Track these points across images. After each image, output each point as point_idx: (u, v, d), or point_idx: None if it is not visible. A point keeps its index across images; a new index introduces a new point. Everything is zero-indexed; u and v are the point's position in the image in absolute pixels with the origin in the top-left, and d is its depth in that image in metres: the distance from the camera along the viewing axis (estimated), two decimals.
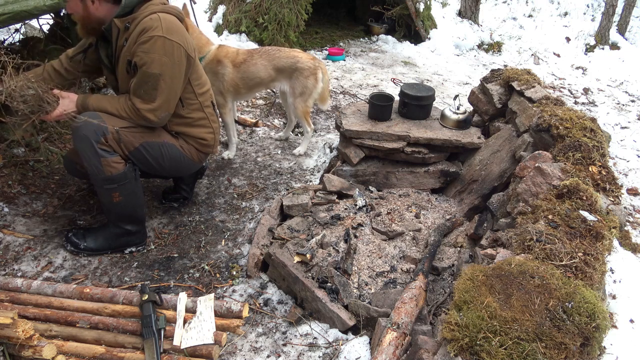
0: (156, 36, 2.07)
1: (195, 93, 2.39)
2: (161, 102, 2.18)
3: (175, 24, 2.16)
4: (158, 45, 2.08)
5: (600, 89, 6.34)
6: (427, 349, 1.62)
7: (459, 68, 6.64)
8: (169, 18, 2.15)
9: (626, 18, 8.24)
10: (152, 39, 2.07)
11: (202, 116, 2.47)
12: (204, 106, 2.46)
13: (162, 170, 2.47)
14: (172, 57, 2.13)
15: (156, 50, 2.08)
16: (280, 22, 5.84)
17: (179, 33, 2.16)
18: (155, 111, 2.19)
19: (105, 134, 2.14)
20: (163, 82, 2.14)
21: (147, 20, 2.10)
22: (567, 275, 1.64)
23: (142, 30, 2.09)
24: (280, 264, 2.31)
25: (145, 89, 2.14)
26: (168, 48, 2.11)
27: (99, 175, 2.21)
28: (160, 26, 2.09)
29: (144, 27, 2.08)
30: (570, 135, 2.39)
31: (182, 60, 2.18)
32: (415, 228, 2.67)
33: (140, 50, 2.09)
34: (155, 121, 2.24)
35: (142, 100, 2.16)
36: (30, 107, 2.05)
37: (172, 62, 2.14)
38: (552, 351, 1.36)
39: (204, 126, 2.49)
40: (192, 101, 2.40)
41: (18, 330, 1.66)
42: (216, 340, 1.92)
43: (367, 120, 3.09)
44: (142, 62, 2.10)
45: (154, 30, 2.07)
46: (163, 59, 2.11)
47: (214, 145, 2.61)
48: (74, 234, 2.49)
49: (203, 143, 2.52)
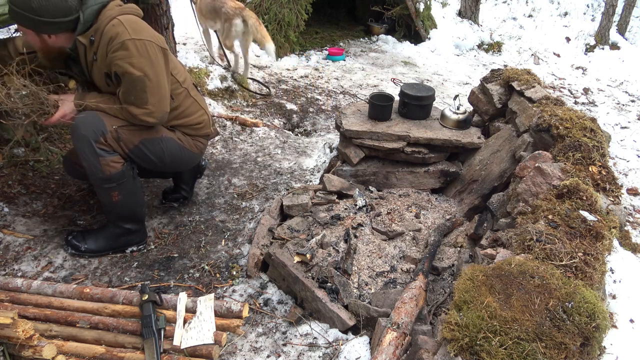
0: (125, 40, 2.04)
1: (179, 82, 2.37)
2: (154, 102, 2.17)
3: (138, 23, 2.13)
4: (131, 48, 2.05)
5: (600, 89, 6.34)
6: (427, 349, 1.62)
7: (459, 68, 6.64)
8: (130, 18, 2.11)
9: (626, 18, 8.24)
10: (122, 45, 2.04)
11: (191, 101, 2.46)
12: (189, 92, 2.44)
13: (163, 166, 2.46)
14: (148, 56, 2.10)
15: (131, 54, 2.06)
16: (280, 22, 5.84)
17: (144, 30, 2.13)
18: (152, 113, 2.18)
19: (104, 133, 2.14)
20: (150, 83, 2.12)
21: (109, 27, 2.05)
22: (567, 275, 1.64)
23: (109, 40, 2.05)
24: (280, 264, 2.31)
25: (135, 94, 2.12)
26: (141, 48, 2.08)
27: (98, 175, 2.21)
28: (125, 29, 2.05)
29: (110, 36, 2.05)
30: (570, 135, 2.39)
31: (157, 55, 2.15)
32: (415, 228, 2.67)
33: (116, 59, 2.06)
34: (155, 122, 2.23)
35: (136, 106, 2.14)
36: (28, 108, 2.05)
37: (150, 61, 2.11)
38: (552, 351, 1.36)
39: (195, 111, 2.48)
40: (178, 91, 2.37)
41: (18, 330, 1.66)
42: (216, 340, 1.92)
43: (367, 120, 3.09)
44: (122, 70, 2.07)
45: (121, 36, 2.04)
46: (141, 60, 2.08)
47: (210, 124, 2.59)
48: (74, 237, 2.48)
49: (199, 127, 2.52)
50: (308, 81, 5.52)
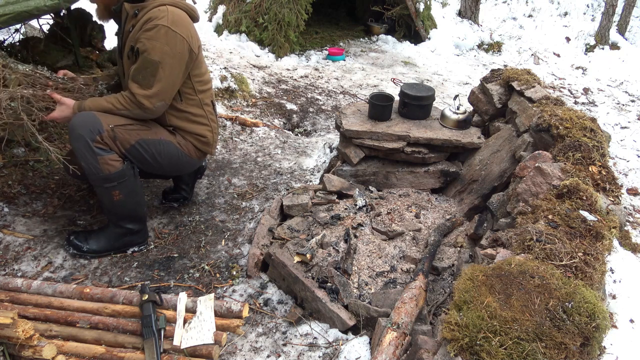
0: (160, 25, 2.13)
1: (195, 89, 2.41)
2: (157, 90, 2.20)
3: (182, 18, 2.21)
4: (161, 33, 2.13)
5: (600, 89, 6.34)
6: (427, 348, 1.62)
7: (459, 68, 6.64)
8: (177, 11, 2.20)
9: (626, 18, 8.24)
10: (156, 27, 2.13)
11: (201, 113, 2.48)
12: (203, 103, 2.47)
13: (160, 168, 2.46)
14: (173, 48, 2.17)
15: (159, 38, 2.13)
16: (280, 22, 5.85)
17: (184, 26, 2.20)
18: (151, 98, 2.21)
19: (100, 132, 2.15)
20: (162, 70, 2.17)
21: (154, 10, 2.16)
22: (567, 275, 1.64)
23: (148, 19, 2.15)
24: (280, 264, 2.31)
25: (144, 74, 2.17)
26: (170, 38, 2.15)
27: (98, 174, 2.21)
28: (167, 17, 2.15)
29: (150, 16, 2.15)
30: (570, 135, 2.39)
31: (183, 52, 2.22)
32: (415, 228, 2.67)
33: (144, 37, 2.14)
34: (150, 108, 2.23)
35: (139, 85, 2.19)
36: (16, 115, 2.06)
37: (172, 53, 2.18)
38: (552, 351, 1.36)
39: (203, 123, 2.50)
40: (191, 96, 2.41)
41: (18, 330, 1.66)
42: (216, 340, 1.92)
43: (367, 120, 3.09)
44: (144, 48, 2.14)
45: (159, 20, 2.14)
46: (164, 47, 2.15)
47: (213, 144, 2.61)
48: (76, 237, 2.48)
49: (202, 140, 2.52)
50: (308, 81, 5.52)
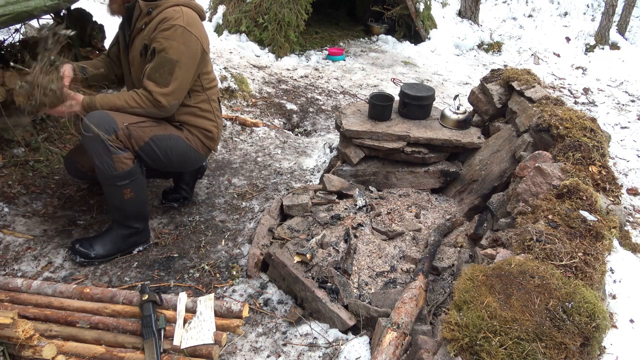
0: (177, 25, 2.19)
1: (203, 86, 2.47)
2: (174, 88, 2.25)
3: (195, 19, 2.29)
4: (178, 33, 2.19)
5: (600, 89, 6.34)
6: (427, 349, 1.62)
7: (459, 68, 6.64)
8: (190, 12, 2.27)
9: (626, 18, 8.23)
10: (173, 27, 2.19)
11: (208, 108, 2.53)
12: (210, 99, 2.53)
13: (170, 165, 2.48)
14: (189, 47, 2.23)
15: (176, 37, 2.19)
16: (280, 22, 5.84)
17: (197, 27, 2.28)
18: (168, 96, 2.24)
19: (115, 130, 2.16)
20: (179, 69, 2.23)
21: (169, 10, 2.22)
22: (567, 275, 1.64)
23: (163, 19, 2.21)
24: (280, 264, 2.31)
25: (162, 73, 2.21)
26: (187, 38, 2.22)
27: (111, 173, 2.21)
28: (182, 17, 2.21)
29: (165, 16, 2.21)
30: (570, 135, 2.39)
31: (197, 52, 2.28)
32: (415, 228, 2.67)
33: (161, 36, 2.19)
34: (166, 107, 2.27)
35: (157, 84, 2.22)
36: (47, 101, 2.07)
37: (188, 52, 2.24)
38: (552, 351, 1.36)
39: (209, 119, 2.55)
40: (198, 93, 2.47)
41: (18, 330, 1.66)
42: (216, 340, 1.92)
43: (367, 120, 3.09)
44: (162, 47, 2.19)
45: (175, 20, 2.19)
46: (182, 47, 2.21)
47: (217, 140, 2.66)
48: (81, 244, 2.42)
49: (208, 135, 2.56)
50: (308, 81, 5.52)
